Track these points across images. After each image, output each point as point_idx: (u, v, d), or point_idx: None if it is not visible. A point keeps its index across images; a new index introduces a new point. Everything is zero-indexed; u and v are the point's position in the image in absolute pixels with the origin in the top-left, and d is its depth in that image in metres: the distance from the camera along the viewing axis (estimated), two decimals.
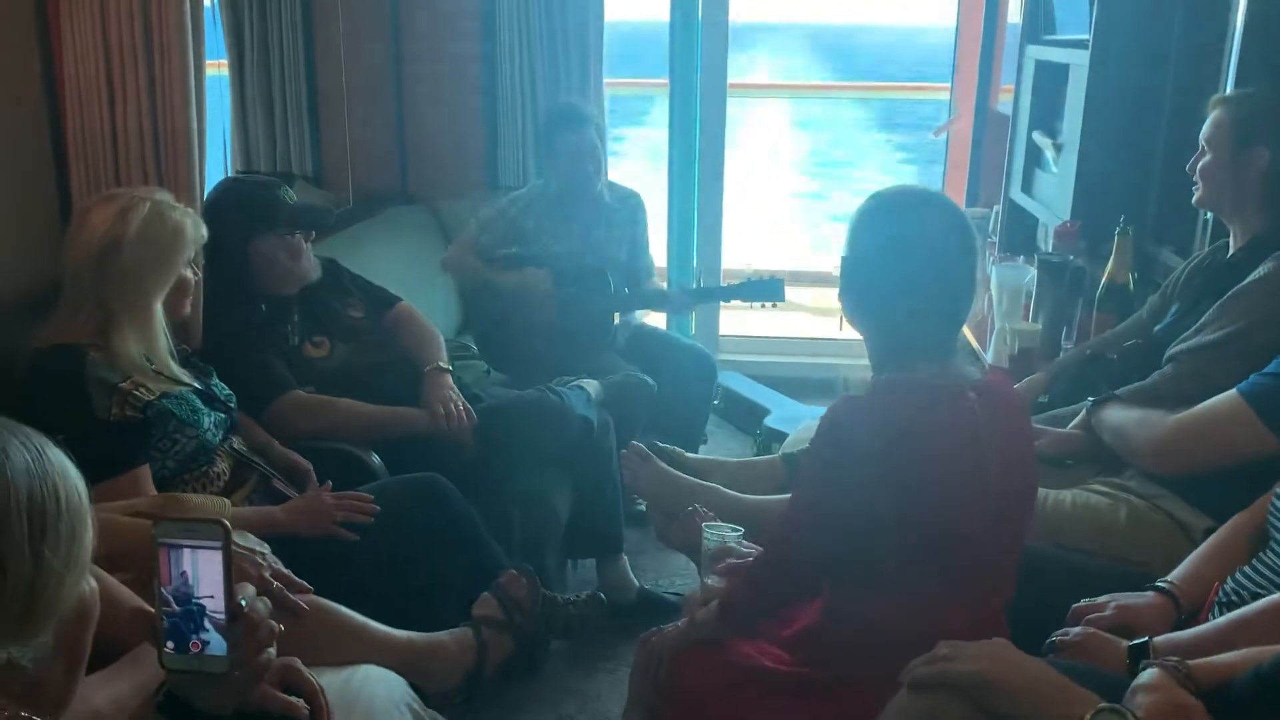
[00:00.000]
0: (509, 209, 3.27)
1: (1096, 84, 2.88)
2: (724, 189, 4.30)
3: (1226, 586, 1.59)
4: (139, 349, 1.94)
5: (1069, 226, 2.90)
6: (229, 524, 1.06)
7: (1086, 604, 1.64)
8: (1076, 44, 3.02)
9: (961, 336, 2.62)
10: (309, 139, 3.86)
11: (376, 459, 2.37)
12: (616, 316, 3.28)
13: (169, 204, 2.01)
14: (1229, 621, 1.46)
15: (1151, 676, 1.24)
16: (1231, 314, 1.98)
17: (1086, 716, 1.17)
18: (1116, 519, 1.92)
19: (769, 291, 3.14)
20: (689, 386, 3.26)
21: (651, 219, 3.43)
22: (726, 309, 4.25)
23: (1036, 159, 3.43)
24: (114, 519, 1.62)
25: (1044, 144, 3.28)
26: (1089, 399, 2.12)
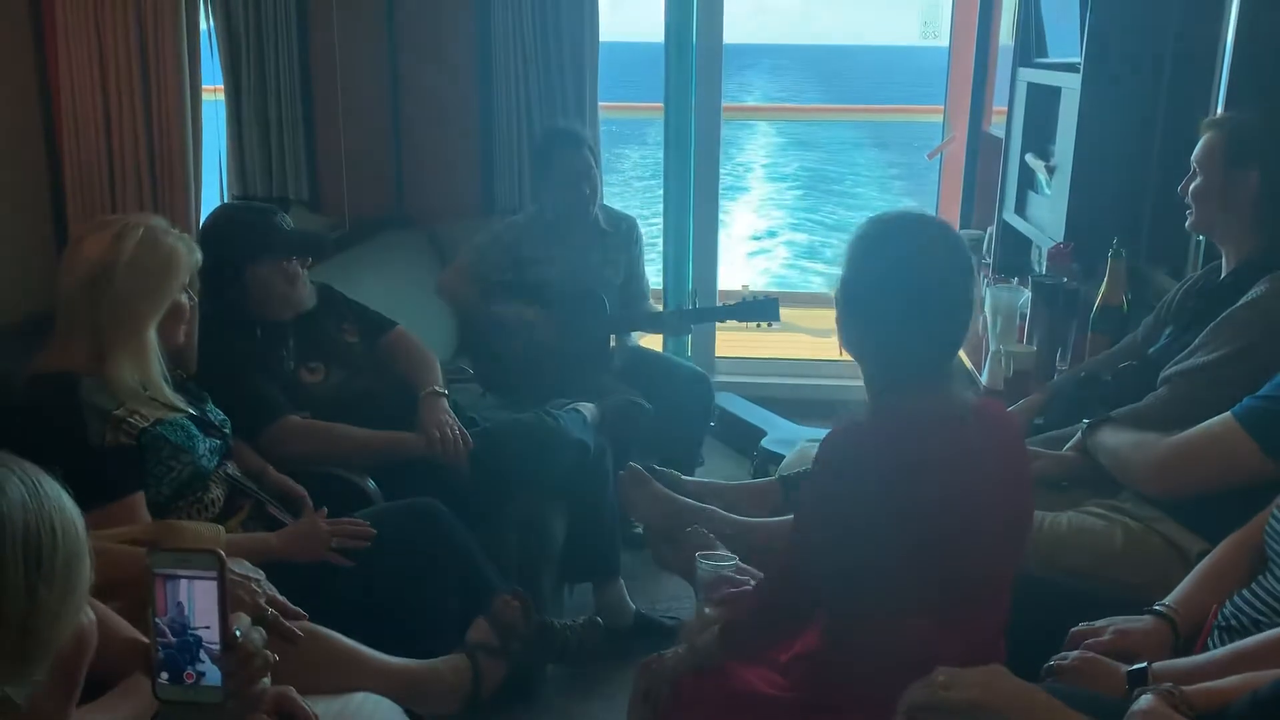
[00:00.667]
0: (504, 234, 3.27)
1: (1088, 107, 2.89)
2: (719, 210, 4.31)
3: (1225, 610, 1.58)
4: (133, 375, 1.94)
5: (1062, 248, 2.91)
6: (224, 554, 1.06)
7: (1084, 628, 1.64)
8: (1068, 67, 3.04)
9: (957, 359, 2.63)
10: (305, 163, 3.87)
11: (372, 484, 2.37)
12: (613, 339, 3.28)
13: (163, 230, 2.00)
14: (1229, 653, 1.46)
15: (1147, 702, 1.24)
16: (1225, 336, 1.98)
17: None
18: (1112, 542, 1.92)
19: (764, 312, 3.14)
20: (685, 408, 3.25)
21: (646, 241, 3.44)
22: (722, 330, 4.26)
23: (1029, 181, 3.45)
24: (108, 547, 1.62)
25: (1037, 166, 3.30)
26: (1084, 421, 2.12)
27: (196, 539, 1.84)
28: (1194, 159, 2.16)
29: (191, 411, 2.06)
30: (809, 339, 5.22)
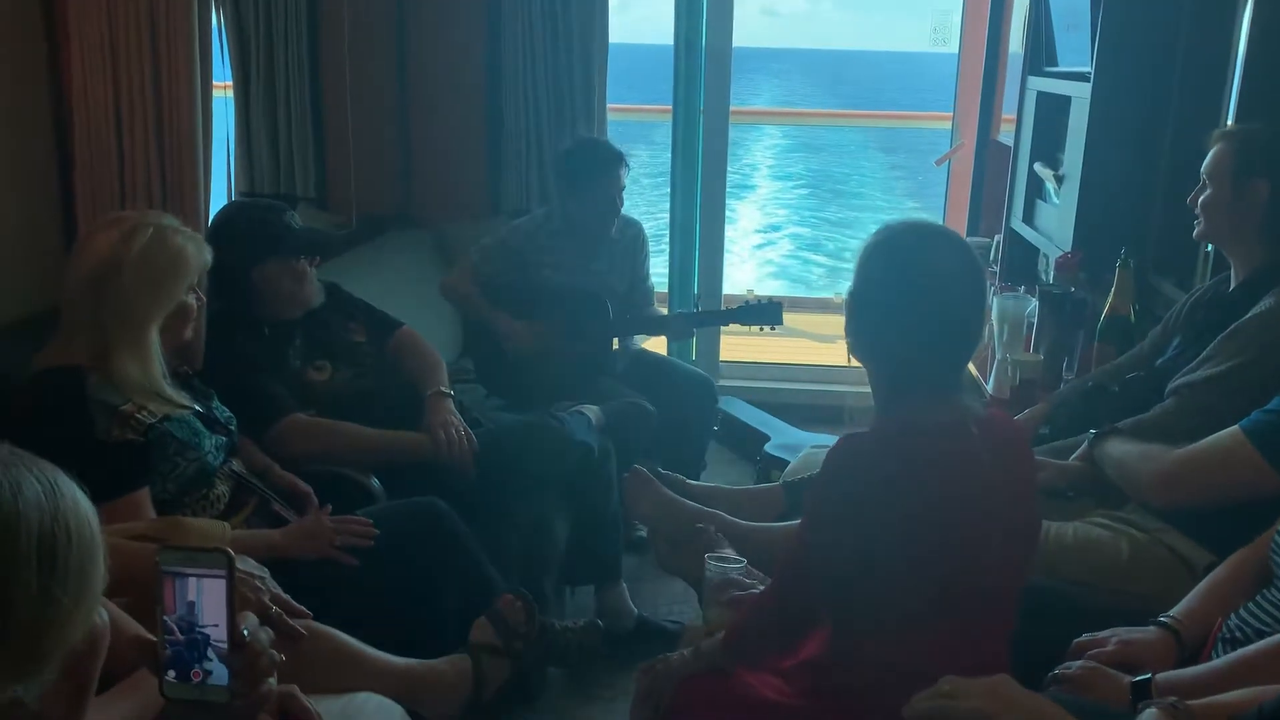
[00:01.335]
0: (510, 238, 3.27)
1: (1098, 116, 2.89)
2: (725, 214, 4.31)
3: (1230, 623, 1.58)
4: (135, 373, 1.94)
5: (1070, 258, 2.91)
6: (233, 553, 1.06)
7: (1088, 638, 1.64)
8: (1078, 76, 3.04)
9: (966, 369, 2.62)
10: (313, 161, 3.87)
11: (376, 483, 2.37)
12: (616, 342, 3.28)
13: (174, 229, 2.00)
14: (1232, 661, 1.46)
15: (1151, 717, 1.23)
16: (1233, 348, 1.98)
17: None
18: (1118, 552, 1.91)
19: (767, 315, 3.14)
20: (689, 412, 3.25)
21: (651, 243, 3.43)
22: (727, 334, 4.26)
23: (1038, 189, 3.45)
24: (115, 543, 1.60)
25: (1045, 175, 3.30)
26: (1091, 431, 2.11)
27: (202, 535, 1.84)
28: (1203, 170, 2.16)
29: (198, 408, 2.06)
30: (814, 344, 5.22)
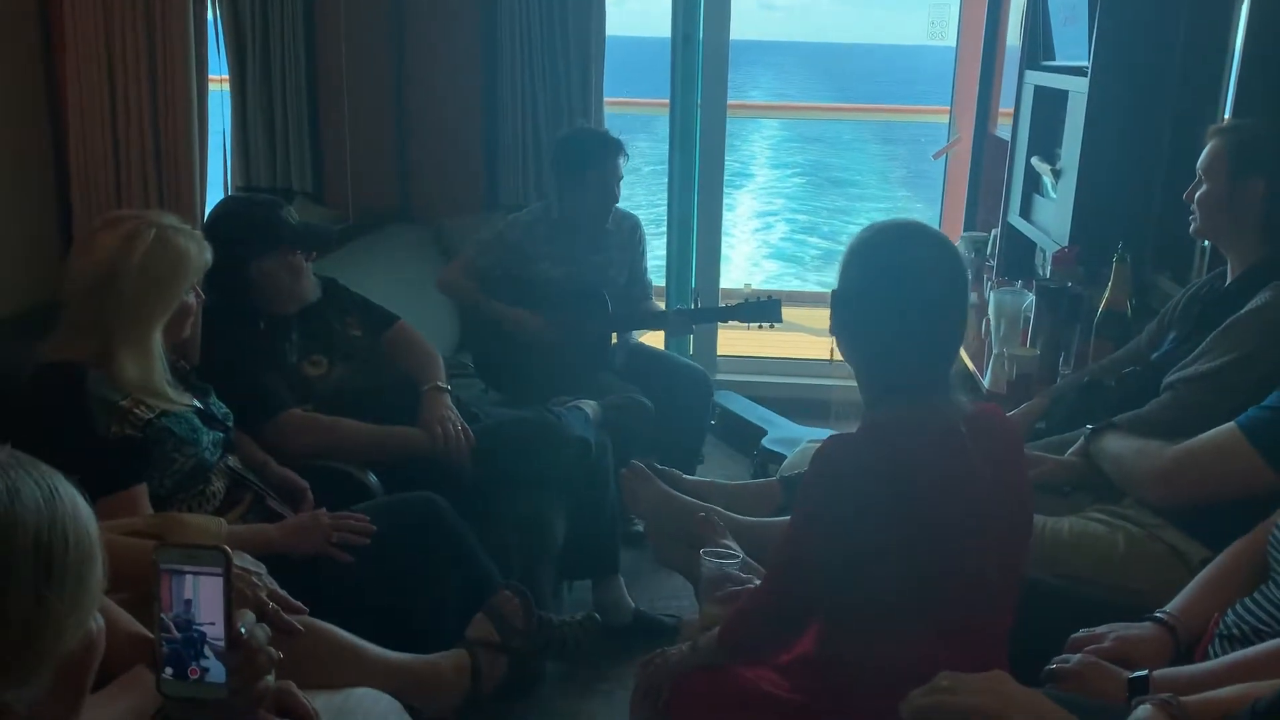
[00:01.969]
0: (507, 232, 3.26)
1: (1095, 111, 2.89)
2: (723, 209, 4.30)
3: (1227, 619, 1.58)
4: (137, 374, 1.93)
5: (1067, 252, 2.91)
6: (230, 551, 1.06)
7: (1085, 634, 1.64)
8: (1076, 71, 3.04)
9: (958, 363, 2.63)
10: (309, 155, 3.87)
11: (373, 478, 2.37)
12: (614, 337, 3.28)
13: (175, 230, 1.98)
14: (1230, 663, 1.46)
15: (1146, 713, 1.23)
16: (1228, 343, 1.98)
17: None
18: (1114, 548, 1.92)
19: (766, 313, 3.14)
20: (686, 406, 3.26)
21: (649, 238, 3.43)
22: (724, 329, 4.26)
23: (1035, 184, 3.45)
24: (112, 539, 1.60)
25: (1042, 169, 3.30)
26: (1087, 426, 2.12)
27: (198, 531, 1.84)
28: (1199, 166, 2.16)
29: (195, 404, 2.05)
30: (811, 338, 5.21)
